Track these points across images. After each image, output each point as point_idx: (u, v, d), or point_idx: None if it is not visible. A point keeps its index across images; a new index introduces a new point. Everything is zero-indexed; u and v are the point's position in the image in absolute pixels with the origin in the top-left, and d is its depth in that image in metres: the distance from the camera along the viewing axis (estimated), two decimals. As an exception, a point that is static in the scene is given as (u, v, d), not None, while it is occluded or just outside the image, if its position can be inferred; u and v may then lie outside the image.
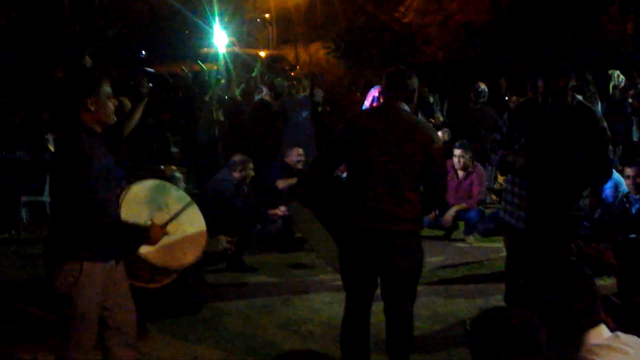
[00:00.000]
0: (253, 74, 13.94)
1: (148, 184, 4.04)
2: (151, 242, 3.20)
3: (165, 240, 3.79)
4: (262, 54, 24.30)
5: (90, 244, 2.92)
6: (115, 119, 3.15)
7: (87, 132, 2.97)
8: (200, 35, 21.55)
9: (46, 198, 7.04)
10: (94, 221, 2.88)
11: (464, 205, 6.55)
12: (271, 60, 22.96)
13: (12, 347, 4.22)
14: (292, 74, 21.89)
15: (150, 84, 4.59)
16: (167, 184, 4.20)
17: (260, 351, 4.18)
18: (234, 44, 21.18)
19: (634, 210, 4.98)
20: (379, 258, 3.27)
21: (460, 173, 6.72)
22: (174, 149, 12.16)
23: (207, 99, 8.60)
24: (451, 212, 6.50)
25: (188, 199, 4.20)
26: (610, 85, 8.43)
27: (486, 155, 6.89)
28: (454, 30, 19.00)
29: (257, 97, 9.03)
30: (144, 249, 3.53)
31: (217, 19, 19.09)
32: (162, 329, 4.43)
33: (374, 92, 5.45)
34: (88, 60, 5.04)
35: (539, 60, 14.77)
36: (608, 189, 5.34)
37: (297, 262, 6.06)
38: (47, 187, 6.76)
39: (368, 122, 3.32)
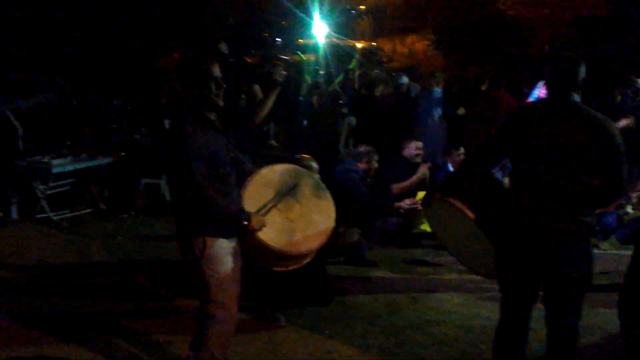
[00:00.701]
0: (351, 66, 13.72)
1: (279, 168, 3.93)
2: (250, 229, 3.16)
3: (287, 226, 3.70)
4: (359, 45, 24.11)
5: (207, 220, 2.98)
6: (222, 103, 3.12)
7: (194, 115, 3.00)
8: (298, 26, 21.60)
9: (163, 180, 7.15)
10: (200, 200, 2.92)
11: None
12: (367, 52, 22.69)
13: (146, 326, 4.23)
14: (388, 66, 21.60)
15: (285, 72, 4.55)
16: (302, 171, 4.07)
17: (395, 351, 3.98)
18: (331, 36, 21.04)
19: None
20: (547, 263, 2.98)
21: None
22: (272, 141, 12.10)
23: (330, 89, 8.45)
24: None
25: (322, 186, 4.07)
26: None
27: None
28: (563, 23, 18.06)
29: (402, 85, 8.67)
30: (263, 234, 3.44)
31: (317, 9, 19.03)
32: (294, 321, 4.33)
33: (543, 88, 5.06)
34: (223, 47, 5.02)
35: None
36: None
37: (419, 259, 5.83)
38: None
39: (538, 115, 3.03)
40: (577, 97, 3.01)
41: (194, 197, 2.95)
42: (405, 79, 8.90)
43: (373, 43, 26.16)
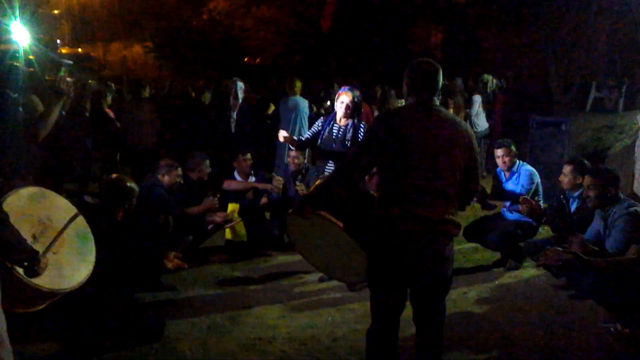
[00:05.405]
0: (61, 74, 12.56)
1: (25, 192, 3.34)
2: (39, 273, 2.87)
3: (52, 260, 3.21)
4: (64, 51, 22.35)
5: None
6: None
7: None
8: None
9: None
10: None
11: None
12: (76, 59, 21.08)
13: None
14: (103, 74, 20.39)
15: (69, 79, 4.03)
16: (48, 192, 3.54)
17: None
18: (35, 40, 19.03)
19: (572, 208, 5.04)
20: (421, 265, 3.04)
21: None
22: None
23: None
24: None
25: (74, 209, 3.60)
26: (488, 87, 9.41)
27: None
28: (276, 34, 19.13)
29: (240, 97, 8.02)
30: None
31: (17, 12, 16.98)
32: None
33: (345, 95, 5.16)
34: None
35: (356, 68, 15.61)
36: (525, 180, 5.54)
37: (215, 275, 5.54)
38: None
39: (409, 121, 3.06)
40: (437, 102, 3.13)
41: None
42: (241, 84, 8.11)
43: (79, 49, 24.40)
